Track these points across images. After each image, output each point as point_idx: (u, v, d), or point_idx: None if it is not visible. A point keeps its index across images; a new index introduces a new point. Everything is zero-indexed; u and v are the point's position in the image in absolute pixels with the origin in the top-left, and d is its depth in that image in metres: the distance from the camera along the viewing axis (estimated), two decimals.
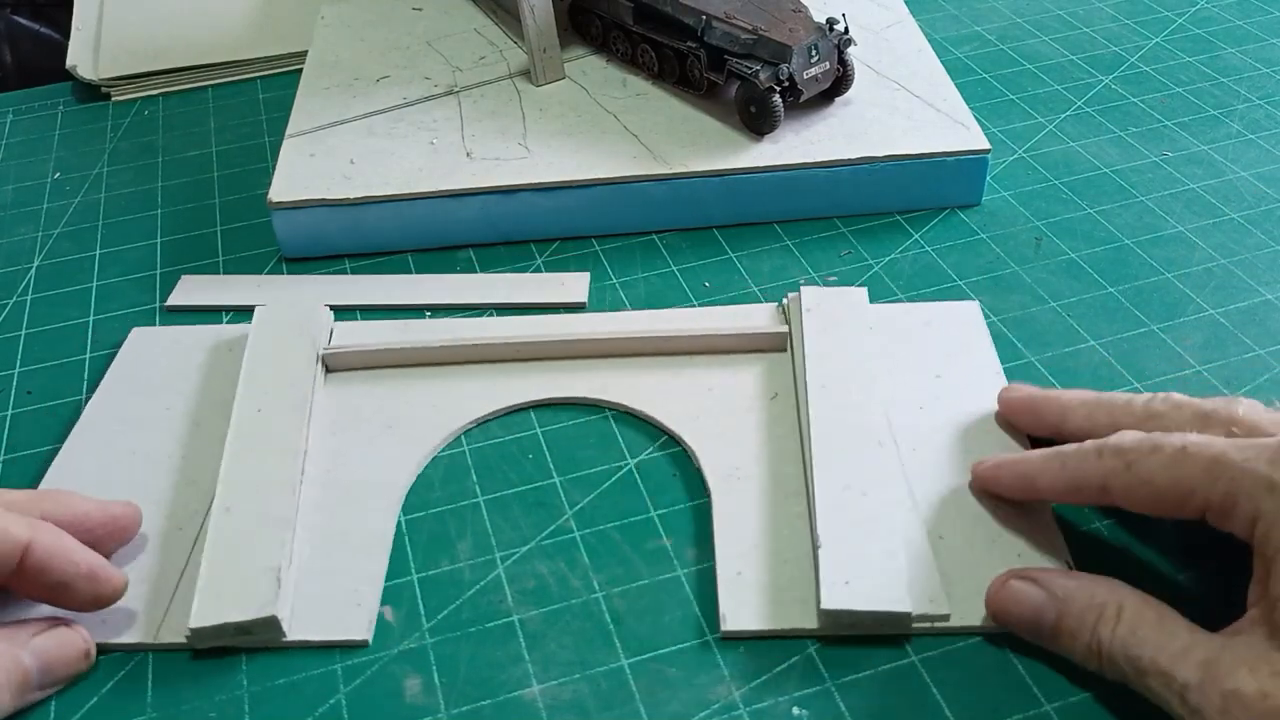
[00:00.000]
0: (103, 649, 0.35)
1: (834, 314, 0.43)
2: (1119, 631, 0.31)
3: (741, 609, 0.35)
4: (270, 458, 0.39)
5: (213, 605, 0.34)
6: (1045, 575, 0.34)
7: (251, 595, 0.35)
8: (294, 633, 0.35)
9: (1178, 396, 0.35)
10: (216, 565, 0.36)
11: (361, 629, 0.35)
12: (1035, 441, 0.39)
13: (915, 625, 0.34)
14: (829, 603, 0.34)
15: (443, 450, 0.41)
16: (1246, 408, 0.34)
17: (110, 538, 0.37)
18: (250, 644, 0.35)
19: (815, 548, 0.35)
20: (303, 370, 0.42)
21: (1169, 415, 0.34)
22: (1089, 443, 0.34)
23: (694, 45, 0.52)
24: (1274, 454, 0.29)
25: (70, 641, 0.34)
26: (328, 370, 0.44)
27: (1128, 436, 0.33)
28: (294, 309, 0.45)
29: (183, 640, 0.35)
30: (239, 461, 0.39)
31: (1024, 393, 0.40)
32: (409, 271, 0.50)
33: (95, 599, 0.34)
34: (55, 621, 0.34)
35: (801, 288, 0.45)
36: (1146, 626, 0.31)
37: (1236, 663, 0.28)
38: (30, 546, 0.33)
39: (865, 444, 0.38)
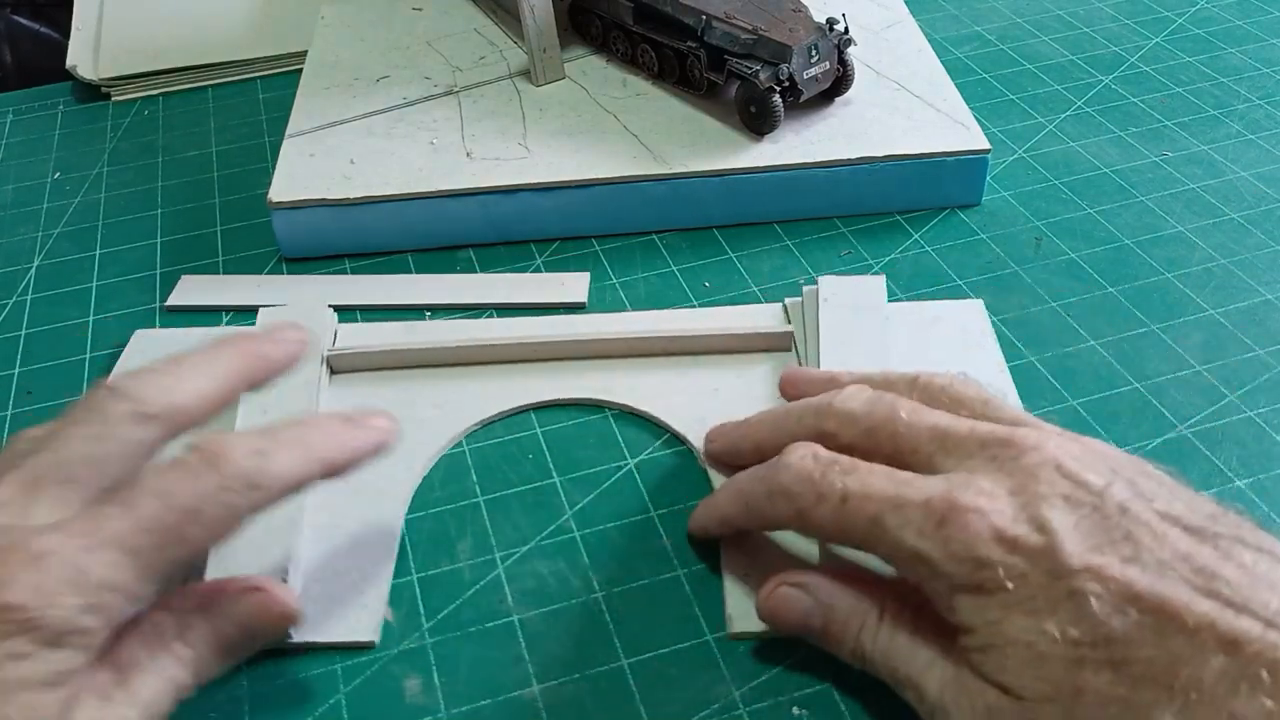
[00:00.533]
0: None
1: (853, 303, 0.44)
2: (879, 640, 0.31)
3: (749, 610, 0.35)
4: None
5: None
6: (812, 579, 0.33)
7: None
8: (300, 634, 0.35)
9: (847, 405, 0.34)
10: (222, 567, 0.35)
11: (368, 631, 0.35)
12: None
13: None
14: None
15: (444, 452, 0.41)
16: (904, 421, 0.32)
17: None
18: None
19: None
20: (308, 373, 0.42)
21: (839, 433, 0.33)
22: (761, 479, 0.33)
23: (694, 45, 0.52)
24: (921, 521, 0.29)
25: (268, 607, 0.33)
26: (333, 372, 0.44)
27: (790, 471, 0.32)
28: (298, 311, 0.45)
29: None
30: None
31: (723, 441, 0.39)
32: (409, 271, 0.50)
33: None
34: (251, 587, 0.33)
35: (819, 278, 0.45)
36: (902, 635, 0.31)
37: (959, 692, 0.29)
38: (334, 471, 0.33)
39: None
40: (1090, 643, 0.27)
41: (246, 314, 0.46)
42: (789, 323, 0.44)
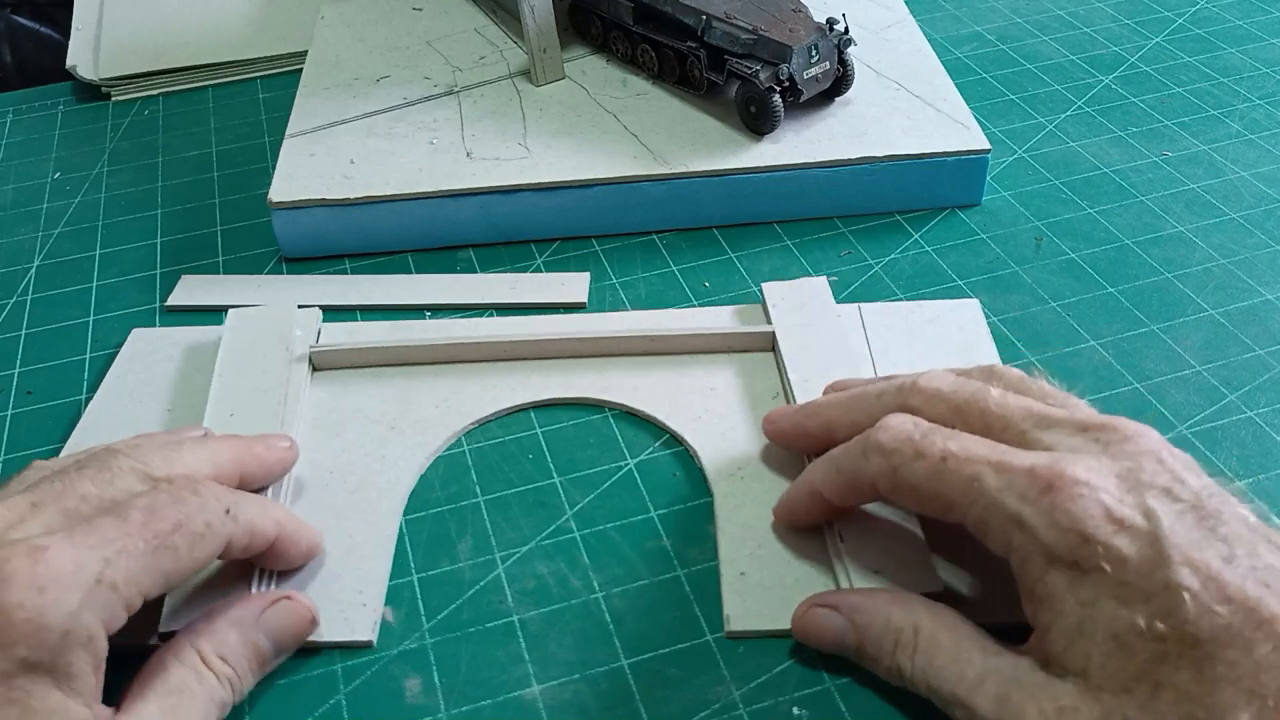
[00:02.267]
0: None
1: (800, 306, 0.44)
2: (917, 660, 0.31)
3: (746, 609, 0.35)
4: None
5: None
6: (844, 599, 0.33)
7: None
8: None
9: (933, 384, 0.34)
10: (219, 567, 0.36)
11: (366, 630, 0.35)
12: None
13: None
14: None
15: (443, 450, 0.41)
16: (996, 399, 0.32)
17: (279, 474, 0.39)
18: None
19: (838, 542, 0.35)
20: (276, 374, 0.42)
21: (924, 410, 0.33)
22: (856, 440, 0.33)
23: (694, 45, 0.52)
24: (1025, 486, 0.29)
25: (297, 614, 0.34)
26: (315, 369, 0.44)
27: (889, 432, 0.32)
28: (264, 313, 0.45)
29: None
30: None
31: (788, 420, 0.38)
32: (409, 271, 0.50)
33: (302, 565, 0.37)
34: (280, 596, 0.34)
35: (764, 285, 0.45)
36: (942, 654, 0.31)
37: (1024, 698, 0.28)
38: (274, 544, 0.34)
39: None
40: (1176, 639, 0.27)
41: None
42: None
